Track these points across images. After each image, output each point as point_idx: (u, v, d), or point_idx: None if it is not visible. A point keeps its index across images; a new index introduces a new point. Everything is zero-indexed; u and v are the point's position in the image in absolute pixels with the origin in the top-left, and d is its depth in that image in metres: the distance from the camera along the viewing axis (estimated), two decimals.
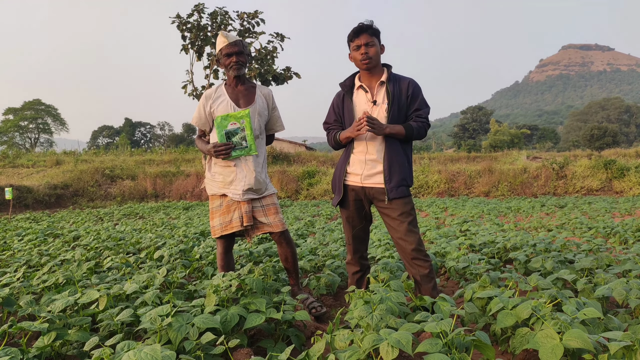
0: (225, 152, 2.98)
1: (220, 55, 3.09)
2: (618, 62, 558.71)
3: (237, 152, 3.02)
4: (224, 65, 3.10)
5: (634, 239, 5.73)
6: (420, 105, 2.86)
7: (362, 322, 2.06)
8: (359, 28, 2.80)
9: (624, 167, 19.79)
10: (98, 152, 35.04)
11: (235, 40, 3.06)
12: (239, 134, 2.99)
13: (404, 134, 2.79)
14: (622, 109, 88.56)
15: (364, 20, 2.82)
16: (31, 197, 17.52)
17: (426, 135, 2.91)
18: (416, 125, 2.82)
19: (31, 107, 59.06)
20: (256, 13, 22.57)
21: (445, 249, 4.74)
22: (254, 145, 3.02)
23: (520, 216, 10.54)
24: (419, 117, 2.85)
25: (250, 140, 3.00)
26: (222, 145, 2.98)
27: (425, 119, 2.87)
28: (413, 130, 2.80)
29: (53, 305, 2.28)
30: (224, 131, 2.99)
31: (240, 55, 3.08)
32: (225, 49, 3.06)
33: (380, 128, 2.72)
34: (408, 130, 2.79)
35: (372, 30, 2.81)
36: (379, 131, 2.73)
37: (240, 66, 3.08)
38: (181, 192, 20.99)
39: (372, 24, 2.81)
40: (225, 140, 3.01)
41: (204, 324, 2.12)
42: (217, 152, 2.99)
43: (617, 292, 2.62)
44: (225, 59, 3.08)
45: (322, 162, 28.20)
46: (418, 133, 2.83)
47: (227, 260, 3.23)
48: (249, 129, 2.98)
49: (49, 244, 6.15)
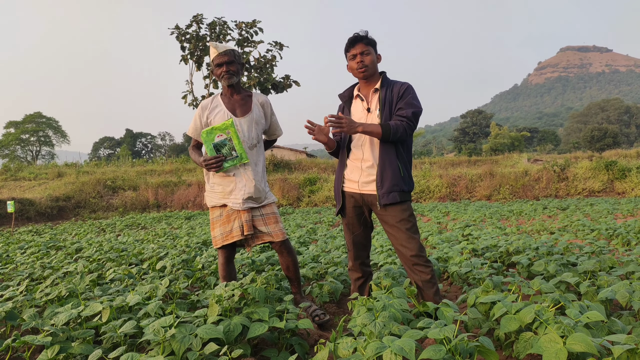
0: (216, 164, 2.98)
1: (212, 66, 3.11)
2: (616, 63, 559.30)
3: (229, 162, 3.01)
4: (216, 76, 3.11)
5: (636, 240, 5.71)
6: (404, 105, 2.76)
7: (365, 329, 2.06)
8: (354, 38, 2.83)
9: (625, 168, 19.76)
10: (99, 164, 35.11)
11: (226, 50, 3.07)
12: (227, 145, 2.99)
13: (380, 132, 2.69)
14: (621, 109, 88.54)
15: (359, 31, 2.83)
16: (33, 209, 17.52)
17: (407, 136, 2.76)
18: (394, 124, 2.69)
19: (32, 120, 59.26)
20: (254, 22, 22.69)
21: (448, 254, 4.73)
22: (244, 153, 3.01)
23: (523, 219, 10.51)
24: (399, 116, 2.75)
25: (239, 149, 3.00)
26: (212, 159, 2.98)
27: (406, 117, 2.72)
28: (390, 129, 2.68)
29: (56, 319, 2.28)
30: (212, 144, 3.00)
31: (231, 64, 3.08)
32: (215, 59, 3.07)
33: (351, 126, 2.65)
34: (385, 129, 2.68)
35: (368, 40, 2.82)
36: (350, 129, 2.66)
37: (232, 75, 3.08)
38: (183, 201, 20.99)
39: (367, 34, 2.83)
40: (215, 153, 3.01)
41: (207, 334, 2.12)
42: (208, 165, 2.99)
43: (621, 294, 2.61)
44: (216, 69, 3.09)
45: (323, 169, 28.22)
46: (396, 131, 2.69)
47: (229, 270, 3.23)
48: (235, 139, 2.98)
49: (52, 256, 6.15)
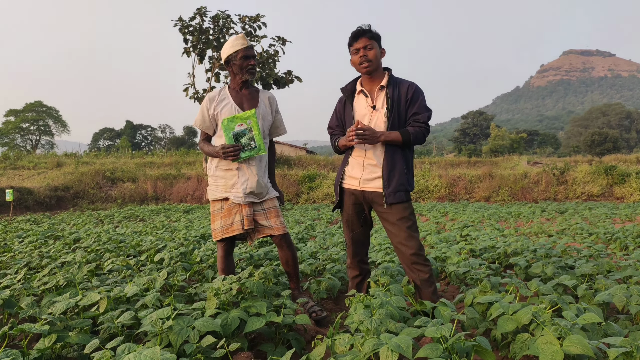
0: (234, 153, 2.96)
1: (235, 57, 3.07)
2: (619, 68, 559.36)
3: (247, 153, 2.98)
4: (239, 67, 3.08)
5: (634, 244, 5.72)
6: (419, 109, 2.78)
7: (362, 326, 2.06)
8: (357, 32, 2.78)
9: (625, 173, 19.80)
10: (99, 155, 35.08)
11: (251, 45, 3.11)
12: (246, 134, 2.96)
13: (400, 140, 2.73)
14: (622, 114, 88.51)
15: (362, 24, 2.80)
16: (32, 198, 17.52)
17: (425, 140, 2.84)
18: (413, 131, 2.74)
19: (32, 109, 59.09)
20: (258, 17, 22.64)
21: (446, 254, 4.74)
22: (262, 144, 2.99)
23: (521, 221, 10.53)
24: (417, 122, 2.78)
25: (258, 140, 2.97)
26: (230, 147, 2.95)
27: (424, 123, 2.78)
28: (410, 135, 2.73)
29: (54, 308, 2.28)
30: (232, 133, 2.96)
31: (254, 59, 3.12)
32: (243, 51, 3.06)
33: (373, 137, 2.68)
34: (405, 136, 2.73)
35: (371, 33, 2.78)
36: (372, 140, 2.69)
37: (255, 70, 3.12)
38: (182, 194, 21.00)
39: (371, 28, 2.79)
40: (234, 142, 2.97)
41: (205, 327, 2.12)
42: (226, 153, 2.96)
43: (618, 298, 2.62)
44: (243, 60, 3.07)
45: (323, 165, 28.24)
46: (416, 138, 2.75)
47: (228, 263, 3.23)
48: (256, 129, 2.95)
49: (50, 245, 6.16)
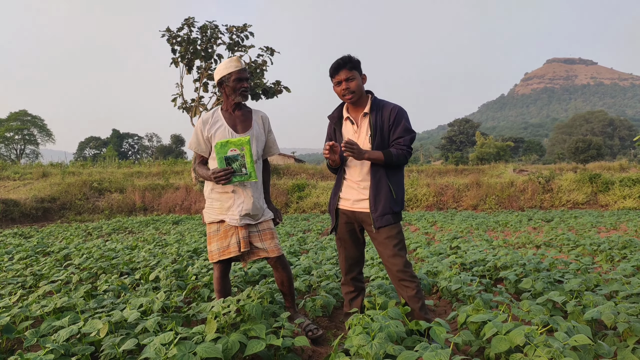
0: (225, 177, 2.97)
1: (228, 79, 3.11)
2: (601, 76, 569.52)
3: (237, 178, 3.00)
4: (232, 89, 3.12)
5: (619, 256, 5.87)
6: (401, 133, 2.89)
7: (362, 350, 2.12)
8: (337, 64, 2.86)
9: (609, 180, 20.19)
10: (85, 164, 34.72)
11: (244, 68, 3.15)
12: (238, 160, 2.97)
13: (382, 159, 2.83)
14: (605, 122, 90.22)
15: (342, 56, 2.87)
16: (18, 210, 17.29)
17: (407, 161, 2.95)
18: (396, 152, 2.84)
19: (17, 118, 58.42)
20: (245, 27, 22.74)
21: (437, 268, 4.82)
22: (254, 172, 3.01)
23: (508, 230, 10.69)
24: (399, 145, 2.88)
25: (250, 167, 2.99)
26: (221, 171, 2.96)
27: (406, 146, 2.88)
28: (392, 157, 2.84)
29: (57, 335, 2.30)
30: (224, 157, 2.97)
31: (248, 82, 3.17)
32: (237, 74, 3.10)
33: (359, 153, 2.77)
34: (387, 157, 2.83)
35: (351, 63, 2.86)
36: (358, 156, 2.78)
37: (248, 93, 3.17)
38: (170, 205, 20.88)
39: (350, 58, 2.87)
40: (225, 165, 2.98)
41: (207, 353, 2.16)
42: (217, 178, 2.97)
43: (606, 315, 2.71)
44: (236, 83, 3.11)
45: (312, 174, 28.29)
46: (397, 159, 2.85)
47: (224, 284, 3.26)
48: (249, 157, 2.97)
49: (41, 263, 6.11)
